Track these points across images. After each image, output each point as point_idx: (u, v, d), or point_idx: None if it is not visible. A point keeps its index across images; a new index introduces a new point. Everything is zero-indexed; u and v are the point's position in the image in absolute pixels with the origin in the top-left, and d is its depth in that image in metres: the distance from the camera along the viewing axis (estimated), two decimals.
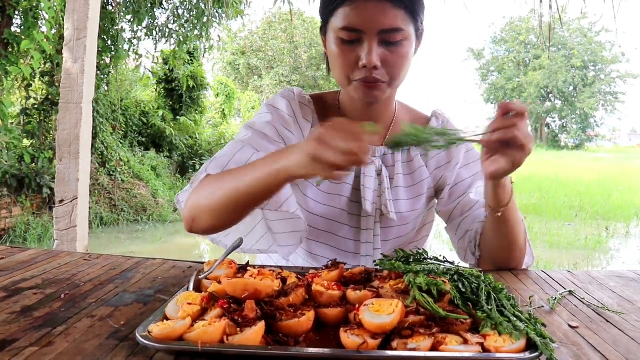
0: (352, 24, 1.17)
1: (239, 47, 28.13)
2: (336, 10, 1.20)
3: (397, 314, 0.77)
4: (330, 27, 1.24)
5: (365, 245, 1.37)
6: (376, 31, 1.16)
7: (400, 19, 1.17)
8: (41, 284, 1.06)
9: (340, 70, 1.23)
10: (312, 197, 1.36)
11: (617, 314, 0.95)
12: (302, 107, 1.39)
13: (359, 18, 1.16)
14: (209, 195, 1.12)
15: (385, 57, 1.19)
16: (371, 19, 1.16)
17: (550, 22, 4.78)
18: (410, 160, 1.41)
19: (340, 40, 1.21)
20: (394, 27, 1.16)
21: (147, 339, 0.73)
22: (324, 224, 1.36)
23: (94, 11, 3.28)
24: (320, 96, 1.46)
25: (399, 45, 1.19)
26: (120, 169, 9.67)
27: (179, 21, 8.64)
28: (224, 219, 1.12)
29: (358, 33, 1.18)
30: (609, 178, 16.47)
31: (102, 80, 9.58)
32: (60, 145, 3.22)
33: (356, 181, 1.36)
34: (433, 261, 1.01)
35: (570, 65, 38.30)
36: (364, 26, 1.16)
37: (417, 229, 1.43)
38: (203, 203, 1.12)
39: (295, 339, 0.78)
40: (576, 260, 7.00)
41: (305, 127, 1.38)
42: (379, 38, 1.17)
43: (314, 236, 1.39)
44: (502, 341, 0.74)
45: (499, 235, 1.22)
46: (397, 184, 1.38)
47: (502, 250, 1.25)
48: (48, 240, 7.31)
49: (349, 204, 1.36)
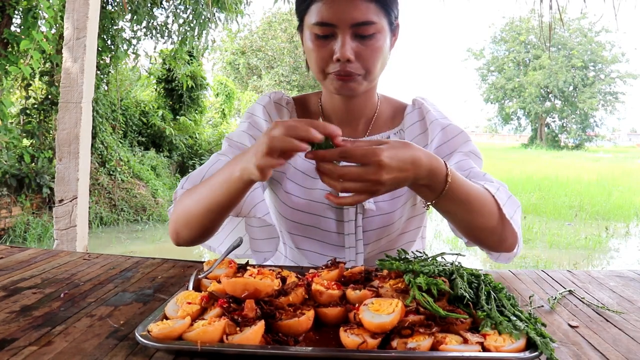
0: (324, 18, 1.19)
1: (239, 46, 28.14)
2: (310, 7, 1.23)
3: (397, 314, 0.76)
4: (306, 24, 1.26)
5: (348, 237, 1.37)
6: (348, 25, 1.18)
7: (372, 12, 1.19)
8: (40, 284, 1.06)
9: (316, 65, 1.25)
10: (293, 193, 1.37)
11: (617, 313, 0.95)
12: (280, 109, 1.43)
13: (332, 12, 1.18)
14: (185, 208, 1.18)
15: (359, 50, 1.20)
16: (343, 13, 1.18)
17: (551, 22, 4.78)
18: None
19: (315, 35, 1.23)
20: (366, 20, 1.18)
21: (146, 338, 0.73)
22: (307, 219, 1.38)
23: (94, 11, 3.27)
24: (303, 97, 1.49)
25: (372, 39, 1.21)
26: (120, 169, 9.67)
27: (177, 21, 8.63)
28: (201, 228, 1.17)
29: (331, 27, 1.19)
30: (609, 178, 16.48)
31: (102, 80, 9.58)
32: (60, 145, 3.22)
33: None
34: (432, 261, 1.01)
35: (570, 65, 38.29)
36: (336, 20, 1.18)
37: (404, 218, 1.41)
38: (181, 217, 1.19)
39: (295, 338, 0.78)
40: (576, 260, 7.00)
41: None
42: (351, 32, 1.19)
43: (299, 231, 1.40)
44: (502, 340, 0.74)
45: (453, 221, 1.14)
46: None
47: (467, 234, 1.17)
48: (48, 239, 7.31)
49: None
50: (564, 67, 38.04)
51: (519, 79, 40.14)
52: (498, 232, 1.14)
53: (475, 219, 1.10)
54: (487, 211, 1.11)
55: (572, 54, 38.23)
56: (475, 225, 1.11)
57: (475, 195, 1.09)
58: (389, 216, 1.38)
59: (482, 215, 1.11)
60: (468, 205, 1.08)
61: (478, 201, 1.10)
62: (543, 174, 17.03)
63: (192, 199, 1.17)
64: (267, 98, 1.45)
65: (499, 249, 1.19)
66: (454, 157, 1.31)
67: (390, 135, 1.41)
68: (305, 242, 1.41)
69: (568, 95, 39.26)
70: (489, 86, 43.22)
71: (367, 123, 1.42)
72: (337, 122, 1.41)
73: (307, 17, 1.24)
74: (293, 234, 1.41)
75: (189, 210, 1.16)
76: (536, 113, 40.00)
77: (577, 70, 38.37)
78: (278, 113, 1.43)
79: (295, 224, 1.39)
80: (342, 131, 1.37)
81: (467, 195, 1.07)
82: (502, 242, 1.17)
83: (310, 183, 1.38)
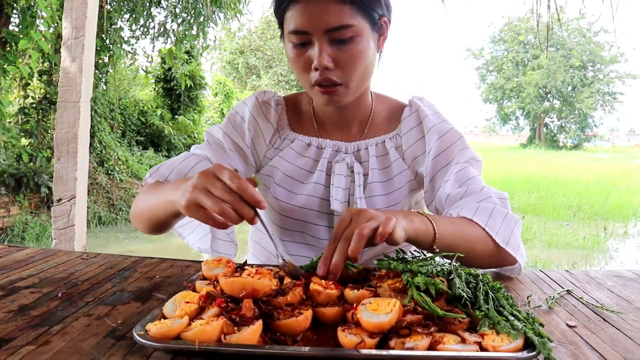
0: (298, 26, 1.15)
1: (238, 46, 28.11)
2: (285, 15, 1.20)
3: (395, 313, 0.76)
4: (285, 33, 1.23)
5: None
6: (322, 31, 1.13)
7: (346, 15, 1.13)
8: (38, 283, 1.05)
9: (299, 75, 1.23)
10: (281, 199, 1.35)
11: (615, 313, 0.95)
12: (267, 109, 1.39)
13: (304, 19, 1.14)
14: (138, 206, 1.24)
15: (336, 56, 1.16)
16: (316, 19, 1.13)
17: (549, 22, 4.79)
18: (385, 154, 1.36)
19: (293, 44, 1.19)
20: (341, 24, 1.13)
21: (144, 337, 0.73)
22: (296, 225, 1.36)
23: (92, 10, 3.27)
24: (294, 97, 1.46)
25: (351, 42, 1.16)
26: (118, 168, 9.66)
27: (176, 20, 8.62)
28: (152, 227, 1.22)
29: (306, 35, 1.15)
30: (607, 178, 16.50)
31: (100, 79, 9.57)
32: (59, 145, 3.22)
33: (327, 179, 1.34)
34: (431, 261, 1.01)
35: (569, 65, 38.32)
36: (309, 27, 1.14)
37: None
38: (134, 212, 1.26)
39: (293, 338, 0.78)
40: (574, 259, 7.01)
41: (266, 130, 1.39)
42: (327, 38, 1.14)
43: (289, 237, 1.38)
44: (499, 340, 0.74)
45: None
46: (372, 180, 1.34)
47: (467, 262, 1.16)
48: (46, 239, 7.30)
49: (320, 203, 1.34)
50: (563, 67, 38.07)
51: (517, 78, 40.17)
52: (494, 259, 1.17)
53: (469, 256, 1.10)
54: (480, 248, 1.14)
55: (571, 54, 38.26)
56: (471, 260, 1.11)
57: (464, 239, 1.11)
58: None
59: (475, 253, 1.13)
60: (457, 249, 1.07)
61: (468, 244, 1.12)
62: (542, 174, 17.04)
63: (145, 201, 1.22)
64: (254, 98, 1.41)
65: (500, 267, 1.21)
66: (452, 168, 1.29)
67: (385, 140, 1.37)
68: (296, 247, 1.38)
69: (567, 95, 39.28)
70: (487, 86, 43.23)
71: (361, 126, 1.39)
72: (329, 126, 1.40)
73: (285, 25, 1.21)
74: (283, 240, 1.39)
75: (141, 210, 1.22)
76: (535, 113, 40.03)
77: (575, 70, 38.40)
78: (265, 113, 1.39)
79: (285, 230, 1.37)
80: (335, 135, 1.38)
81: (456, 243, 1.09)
82: (502, 264, 1.19)
83: (299, 188, 1.35)
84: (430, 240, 1.06)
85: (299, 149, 1.38)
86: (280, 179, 1.36)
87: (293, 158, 1.38)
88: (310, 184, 1.35)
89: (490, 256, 1.15)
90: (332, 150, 1.37)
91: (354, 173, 1.33)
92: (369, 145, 1.37)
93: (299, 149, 1.38)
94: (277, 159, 1.39)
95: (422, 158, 1.34)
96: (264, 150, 1.41)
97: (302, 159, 1.37)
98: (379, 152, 1.36)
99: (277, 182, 1.36)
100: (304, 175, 1.36)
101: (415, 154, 1.35)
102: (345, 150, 1.36)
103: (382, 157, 1.36)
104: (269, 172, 1.38)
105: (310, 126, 1.41)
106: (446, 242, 1.08)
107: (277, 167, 1.37)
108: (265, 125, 1.39)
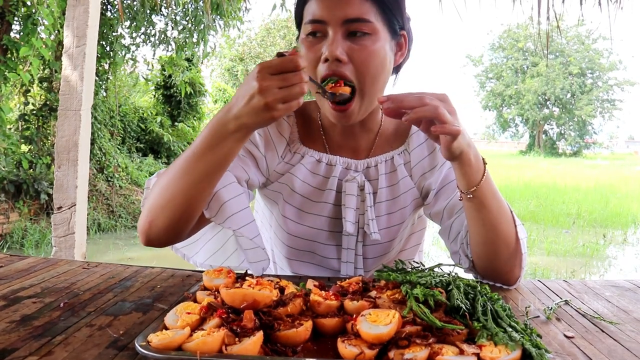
0: (315, 15, 1.14)
1: (238, 53, 28.18)
2: (304, 9, 1.19)
3: (394, 325, 0.77)
4: (301, 31, 1.21)
5: (345, 265, 1.32)
6: (340, 21, 1.12)
7: (366, 10, 1.12)
8: (40, 293, 1.06)
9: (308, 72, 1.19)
10: (290, 218, 1.31)
11: (612, 324, 0.96)
12: (280, 121, 1.32)
13: (323, 7, 1.13)
14: (163, 188, 1.09)
15: (351, 50, 1.12)
16: (334, 8, 1.12)
17: (548, 30, 4.81)
18: (393, 171, 1.32)
19: (306, 35, 1.17)
20: (359, 17, 1.12)
21: (146, 348, 0.74)
22: (304, 244, 1.33)
23: (94, 19, 3.29)
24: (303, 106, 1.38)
25: (367, 39, 1.13)
26: (118, 175, 9.67)
27: (177, 27, 8.66)
28: (181, 212, 1.08)
29: (322, 24, 1.13)
30: (607, 185, 16.51)
31: (101, 87, 9.60)
32: (59, 152, 3.23)
33: (337, 197, 1.30)
34: (429, 271, 1.02)
35: (568, 72, 38.47)
36: (327, 16, 1.12)
37: (403, 239, 1.38)
38: (158, 200, 1.09)
39: (293, 348, 0.78)
40: (573, 267, 7.00)
41: (279, 144, 1.32)
42: (343, 30, 1.12)
43: (296, 256, 1.35)
44: (497, 351, 0.75)
45: (479, 225, 1.10)
46: (380, 199, 1.31)
47: (486, 244, 1.12)
48: (45, 246, 7.29)
49: (330, 222, 1.31)
50: (562, 75, 38.22)
51: (517, 86, 40.31)
52: (507, 251, 1.13)
53: (500, 224, 1.09)
54: (507, 220, 1.12)
55: (570, 61, 38.42)
56: (498, 232, 1.09)
57: (500, 196, 1.10)
58: (390, 244, 1.34)
59: (505, 221, 1.11)
60: (497, 202, 1.08)
61: (503, 203, 1.11)
62: (541, 181, 17.06)
63: (169, 176, 1.08)
64: None
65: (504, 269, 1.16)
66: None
67: (394, 156, 1.33)
68: (303, 266, 1.36)
69: (566, 103, 39.41)
70: (487, 93, 43.38)
71: (370, 140, 1.34)
72: (338, 137, 1.34)
73: (304, 19, 1.19)
74: (290, 259, 1.36)
75: (168, 187, 1.07)
76: (534, 120, 40.14)
77: (574, 77, 38.55)
78: (277, 126, 1.32)
79: (293, 249, 1.34)
80: (344, 149, 1.35)
81: (496, 192, 1.09)
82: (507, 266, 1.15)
83: (309, 207, 1.31)
84: (477, 178, 1.05)
85: (310, 165, 1.32)
86: (290, 196, 1.32)
87: (304, 176, 1.32)
88: (320, 203, 1.31)
89: (508, 245, 1.12)
90: (343, 168, 1.32)
91: (363, 192, 1.29)
92: (379, 162, 1.32)
93: (310, 166, 1.32)
94: (288, 175, 1.32)
95: (430, 174, 1.31)
96: (275, 164, 1.33)
97: (314, 177, 1.32)
98: (388, 169, 1.32)
99: (286, 199, 1.32)
100: (315, 194, 1.32)
101: (424, 169, 1.32)
102: (355, 168, 1.32)
103: (390, 174, 1.32)
104: (279, 188, 1.33)
105: (319, 139, 1.35)
106: (486, 193, 1.06)
107: (287, 184, 1.32)
108: (279, 139, 1.32)
